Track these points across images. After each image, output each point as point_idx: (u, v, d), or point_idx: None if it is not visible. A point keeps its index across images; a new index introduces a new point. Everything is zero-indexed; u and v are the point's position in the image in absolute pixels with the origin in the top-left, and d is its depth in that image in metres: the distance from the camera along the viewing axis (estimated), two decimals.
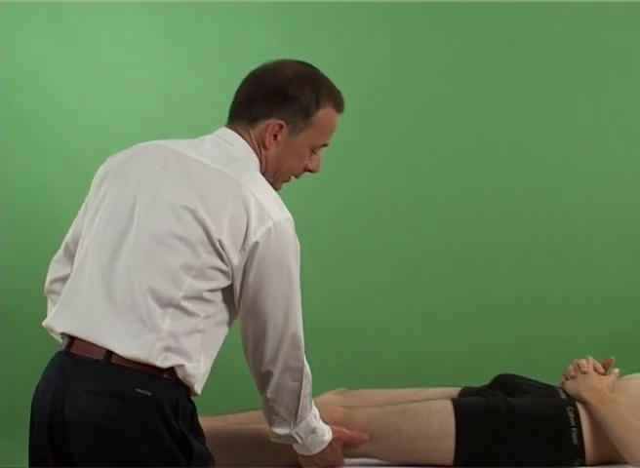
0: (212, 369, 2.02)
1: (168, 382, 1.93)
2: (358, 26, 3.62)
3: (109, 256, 1.97)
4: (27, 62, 3.63)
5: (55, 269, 2.15)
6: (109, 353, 1.92)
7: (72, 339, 1.97)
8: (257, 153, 2.08)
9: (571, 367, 2.55)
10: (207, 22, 3.67)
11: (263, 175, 2.08)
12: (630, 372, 2.59)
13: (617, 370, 2.54)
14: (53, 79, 3.66)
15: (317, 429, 2.21)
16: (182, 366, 1.93)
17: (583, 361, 2.55)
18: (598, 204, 3.55)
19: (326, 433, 2.26)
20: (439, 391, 2.57)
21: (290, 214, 2.01)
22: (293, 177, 2.15)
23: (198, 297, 1.94)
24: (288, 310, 2.01)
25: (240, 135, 2.08)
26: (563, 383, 2.55)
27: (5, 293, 3.38)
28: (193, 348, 1.95)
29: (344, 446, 2.37)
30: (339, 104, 2.12)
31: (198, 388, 1.99)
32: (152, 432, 1.90)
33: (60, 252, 2.15)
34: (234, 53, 3.65)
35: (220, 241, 1.94)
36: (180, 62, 3.70)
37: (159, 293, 1.92)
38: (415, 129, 3.63)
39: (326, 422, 2.28)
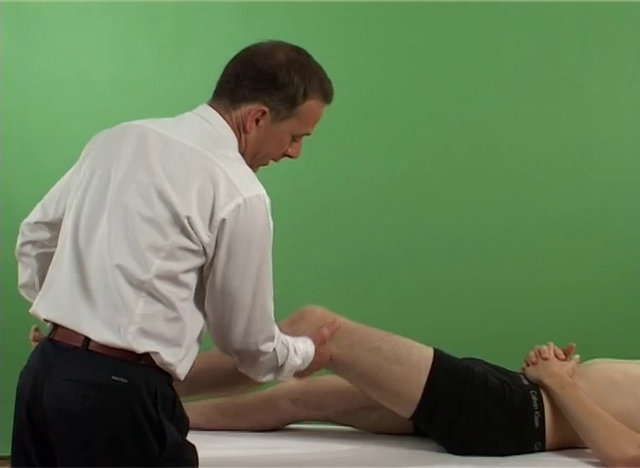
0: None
1: (146, 368, 1.91)
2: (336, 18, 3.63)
3: (85, 240, 1.96)
4: None
5: (25, 233, 2.14)
6: (87, 340, 1.91)
7: (55, 326, 1.96)
8: (236, 134, 2.05)
9: (532, 353, 2.58)
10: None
11: (242, 156, 2.05)
12: (590, 358, 2.62)
13: (577, 357, 2.57)
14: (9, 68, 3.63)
15: (301, 361, 2.17)
16: (157, 353, 1.91)
17: (544, 347, 2.58)
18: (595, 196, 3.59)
19: (309, 351, 2.22)
20: None
21: (263, 191, 1.97)
22: (271, 161, 2.13)
23: (171, 279, 1.92)
24: (256, 289, 1.97)
25: (221, 114, 2.05)
26: (524, 369, 2.57)
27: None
28: (170, 333, 1.93)
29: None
30: (327, 96, 2.09)
31: (181, 374, 1.96)
32: (128, 420, 1.88)
33: (33, 215, 2.13)
34: (190, 40, 3.64)
35: (188, 218, 1.91)
36: (137, 50, 3.68)
37: (130, 275, 1.91)
38: (405, 117, 3.63)
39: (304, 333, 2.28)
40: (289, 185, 3.49)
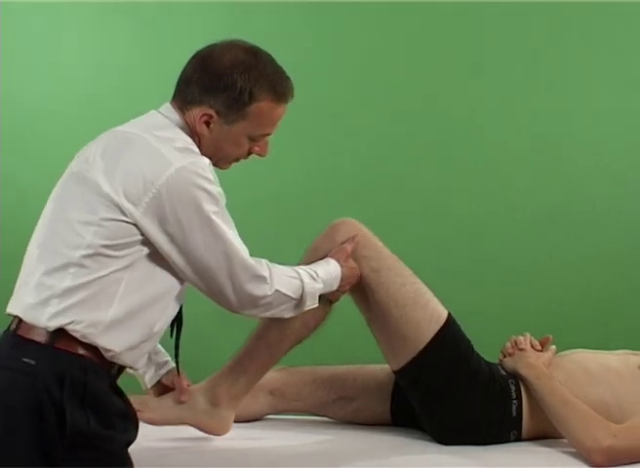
0: None
1: (57, 351, 1.93)
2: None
3: (40, 239, 2.04)
4: None
5: None
6: (20, 322, 1.97)
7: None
8: (191, 133, 2.07)
9: (508, 343, 2.59)
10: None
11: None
12: (567, 349, 2.64)
13: (553, 347, 2.59)
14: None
15: (323, 285, 2.25)
16: (72, 322, 1.92)
17: (521, 338, 2.59)
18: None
19: (332, 271, 2.30)
20: (386, 367, 2.58)
21: (199, 159, 1.99)
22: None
23: (100, 254, 1.95)
24: (221, 248, 2.00)
25: (177, 112, 2.08)
26: (501, 360, 2.59)
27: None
28: (93, 305, 1.95)
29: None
30: (280, 96, 2.08)
31: (109, 346, 1.96)
32: (31, 402, 1.90)
33: None
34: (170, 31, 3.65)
35: (116, 193, 1.95)
36: (138, 50, 3.68)
37: (57, 253, 1.96)
38: (392, 108, 3.65)
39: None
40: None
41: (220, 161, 2.13)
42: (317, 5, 3.61)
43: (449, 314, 2.47)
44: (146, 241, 1.98)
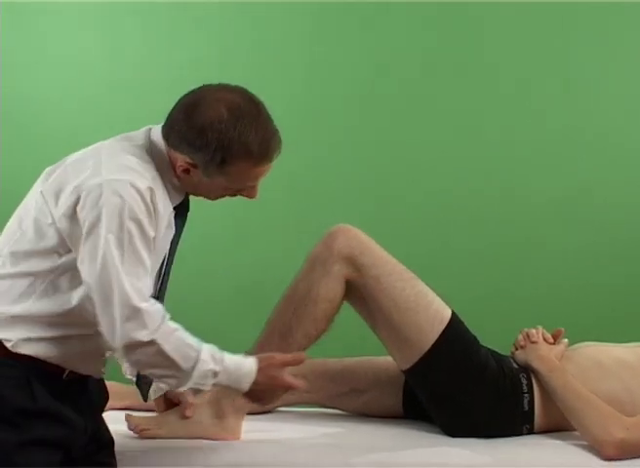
0: None
1: None
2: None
3: None
4: None
5: None
6: None
7: None
8: (175, 170, 2.05)
9: (520, 336, 2.59)
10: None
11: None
12: (579, 342, 2.63)
13: (565, 341, 2.58)
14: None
15: (225, 371, 2.03)
16: None
17: (533, 330, 2.58)
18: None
19: (244, 367, 2.06)
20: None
21: (132, 181, 1.94)
22: None
23: (20, 258, 2.01)
24: (108, 276, 1.92)
25: (164, 141, 2.06)
26: (513, 353, 2.58)
27: None
28: (12, 312, 2.00)
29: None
30: (258, 159, 2.01)
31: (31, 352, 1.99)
32: None
33: None
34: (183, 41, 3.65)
35: (42, 194, 2.00)
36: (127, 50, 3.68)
37: None
38: (398, 102, 3.65)
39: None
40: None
41: (206, 198, 2.12)
42: (324, 4, 3.61)
43: (452, 313, 2.47)
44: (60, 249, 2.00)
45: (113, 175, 1.95)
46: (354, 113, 3.62)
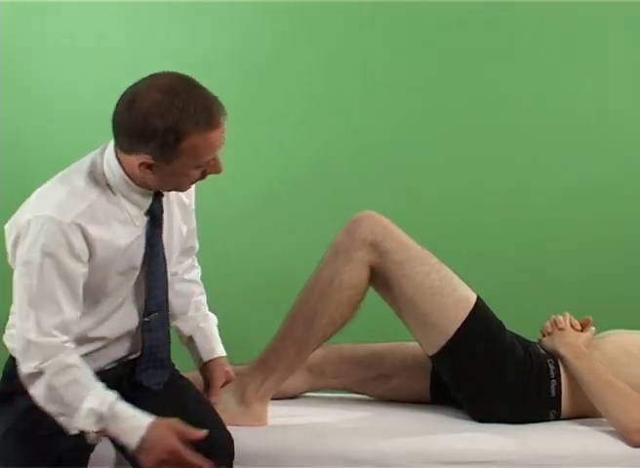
0: None
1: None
2: None
3: None
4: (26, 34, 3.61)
5: None
6: None
7: None
8: (134, 177, 2.09)
9: (548, 323, 2.59)
10: None
11: (149, 189, 2.12)
12: (606, 330, 2.63)
13: (593, 328, 2.58)
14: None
15: (113, 417, 2.01)
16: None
17: (560, 317, 2.59)
18: None
19: (136, 419, 2.02)
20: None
21: (60, 216, 2.02)
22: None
23: None
24: (18, 307, 2.05)
25: (117, 155, 2.09)
26: (540, 340, 2.59)
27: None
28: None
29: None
30: (209, 126, 2.02)
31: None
32: None
33: None
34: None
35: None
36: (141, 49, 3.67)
37: None
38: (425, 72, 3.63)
39: None
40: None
41: (176, 189, 2.16)
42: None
43: (477, 298, 2.47)
44: None
45: (35, 212, 2.03)
46: (378, 100, 3.61)
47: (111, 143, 2.12)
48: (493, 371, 2.45)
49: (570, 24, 3.54)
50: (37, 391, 2.04)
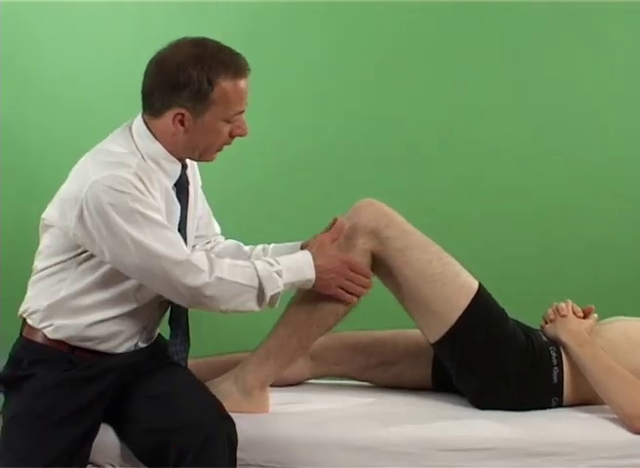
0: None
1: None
2: None
3: None
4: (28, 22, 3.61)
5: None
6: None
7: None
8: (165, 141, 2.17)
9: (550, 310, 2.59)
10: None
11: (179, 158, 2.20)
12: (608, 317, 2.63)
13: (595, 315, 2.58)
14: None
15: (286, 268, 2.23)
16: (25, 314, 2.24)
17: (562, 304, 2.59)
18: None
19: (299, 259, 2.27)
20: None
21: (117, 172, 2.09)
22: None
23: (41, 254, 2.22)
24: (145, 253, 2.10)
25: (146, 123, 2.18)
26: (542, 327, 2.59)
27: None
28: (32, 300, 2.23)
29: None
30: (237, 72, 2.15)
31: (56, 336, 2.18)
32: None
33: None
34: None
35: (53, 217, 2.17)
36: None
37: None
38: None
39: None
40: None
41: (204, 153, 2.22)
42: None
43: (479, 285, 2.47)
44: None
45: (100, 175, 2.09)
46: (387, 85, 3.62)
47: (136, 119, 2.20)
48: (494, 358, 2.45)
49: (573, 17, 3.55)
50: (218, 296, 2.16)
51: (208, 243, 2.50)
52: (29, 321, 2.21)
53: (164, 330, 2.36)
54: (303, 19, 3.59)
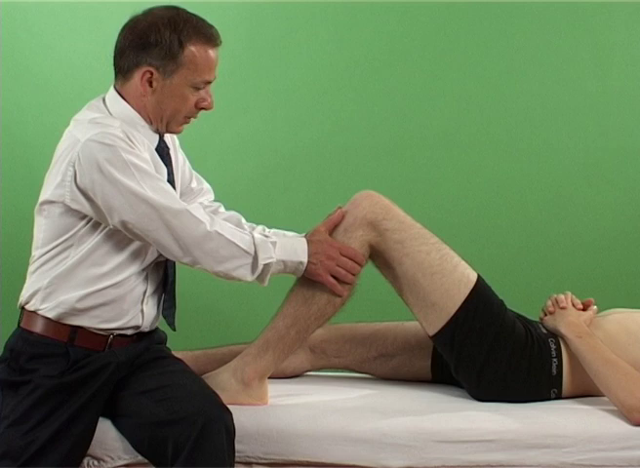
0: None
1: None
2: None
3: None
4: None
5: None
6: None
7: None
8: (135, 105, 2.20)
9: (549, 302, 2.60)
10: None
11: (150, 123, 2.22)
12: (607, 309, 2.63)
13: (594, 307, 2.58)
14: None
15: (278, 241, 2.26)
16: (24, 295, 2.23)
17: (562, 296, 2.59)
18: None
19: (293, 240, 2.30)
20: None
21: (105, 129, 2.12)
22: (192, 119, 2.25)
23: (38, 241, 2.21)
24: (144, 203, 2.11)
25: (117, 89, 2.22)
26: (542, 319, 2.59)
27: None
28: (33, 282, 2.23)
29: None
30: (209, 38, 2.19)
31: (52, 314, 2.17)
32: None
33: None
34: None
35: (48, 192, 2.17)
36: None
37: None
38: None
39: None
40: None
41: (171, 123, 2.24)
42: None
43: (478, 277, 2.47)
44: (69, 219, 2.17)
45: (89, 133, 2.12)
46: (384, 78, 3.61)
47: (108, 91, 2.24)
48: (493, 351, 2.45)
49: (571, 13, 3.54)
50: (214, 252, 2.17)
51: (208, 207, 2.50)
52: (29, 307, 2.20)
53: (162, 326, 2.36)
54: (301, 14, 3.57)
